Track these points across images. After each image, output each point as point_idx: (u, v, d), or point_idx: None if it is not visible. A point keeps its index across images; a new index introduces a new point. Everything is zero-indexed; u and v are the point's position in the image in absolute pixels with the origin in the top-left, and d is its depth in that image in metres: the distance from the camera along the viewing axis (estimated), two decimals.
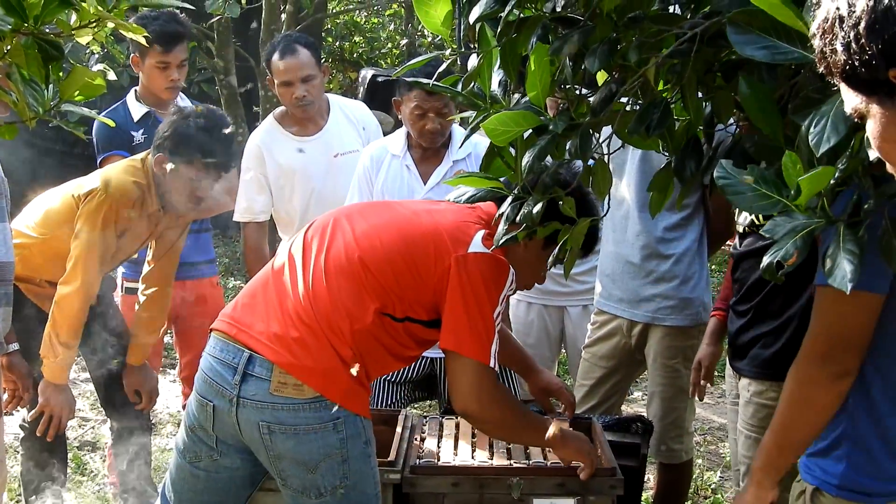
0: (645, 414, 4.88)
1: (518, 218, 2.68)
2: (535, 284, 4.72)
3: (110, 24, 2.15)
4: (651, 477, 5.46)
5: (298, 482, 3.30)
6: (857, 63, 1.54)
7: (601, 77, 2.69)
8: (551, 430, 3.51)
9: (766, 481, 2.74)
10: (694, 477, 5.26)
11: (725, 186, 2.03)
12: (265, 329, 3.27)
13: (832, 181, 1.90)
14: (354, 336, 3.25)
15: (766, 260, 2.01)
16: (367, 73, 11.67)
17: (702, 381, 4.52)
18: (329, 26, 16.15)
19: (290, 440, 3.23)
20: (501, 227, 2.89)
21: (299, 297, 3.28)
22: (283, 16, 9.90)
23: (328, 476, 3.27)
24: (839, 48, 1.56)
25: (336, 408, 3.23)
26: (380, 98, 9.48)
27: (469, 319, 3.25)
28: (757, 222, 3.89)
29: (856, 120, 1.66)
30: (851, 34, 1.53)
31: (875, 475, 2.66)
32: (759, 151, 2.36)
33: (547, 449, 3.76)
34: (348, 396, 3.26)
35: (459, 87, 2.72)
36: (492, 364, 3.28)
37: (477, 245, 3.29)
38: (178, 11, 5.56)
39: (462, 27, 2.65)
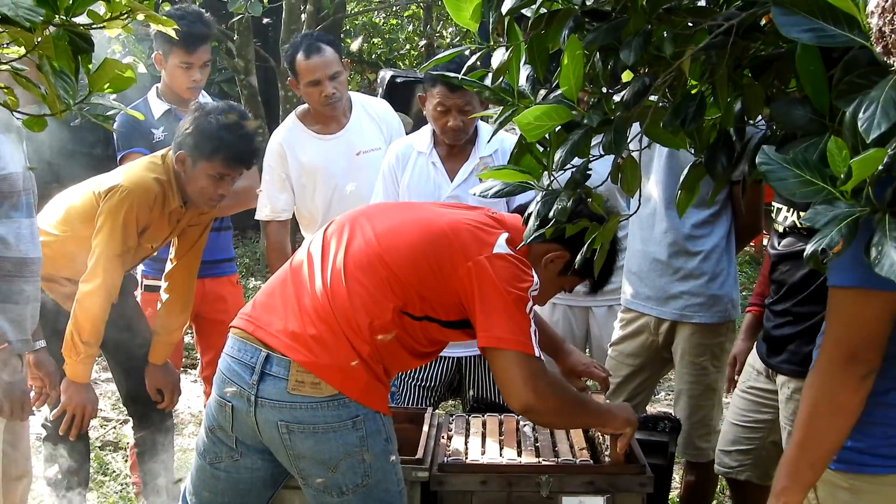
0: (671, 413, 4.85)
1: (550, 213, 2.65)
2: None
3: (141, 16, 2.13)
4: (677, 476, 5.42)
5: (319, 481, 3.29)
6: None
7: (626, 77, 2.66)
8: (605, 408, 3.60)
9: (797, 499, 2.67)
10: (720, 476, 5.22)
11: (768, 172, 2.00)
12: (283, 327, 3.27)
13: (881, 166, 1.86)
14: (373, 333, 3.25)
15: (809, 248, 1.97)
16: (385, 75, 11.64)
17: (736, 377, 4.51)
18: (348, 27, 16.15)
19: (309, 439, 3.22)
20: (532, 224, 2.87)
21: (317, 295, 3.28)
22: (304, 16, 9.89)
23: (349, 475, 3.26)
24: None
25: (355, 405, 3.23)
26: (398, 99, 9.44)
27: (505, 313, 3.23)
28: (799, 225, 3.86)
29: None
30: None
31: (872, 451, 2.65)
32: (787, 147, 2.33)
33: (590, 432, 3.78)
34: (367, 393, 3.25)
35: (487, 82, 2.70)
36: (537, 354, 3.26)
37: (501, 246, 3.29)
38: (203, 11, 5.56)
39: (491, 20, 2.62)
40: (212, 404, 3.42)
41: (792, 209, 3.90)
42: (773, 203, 4.03)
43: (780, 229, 4.00)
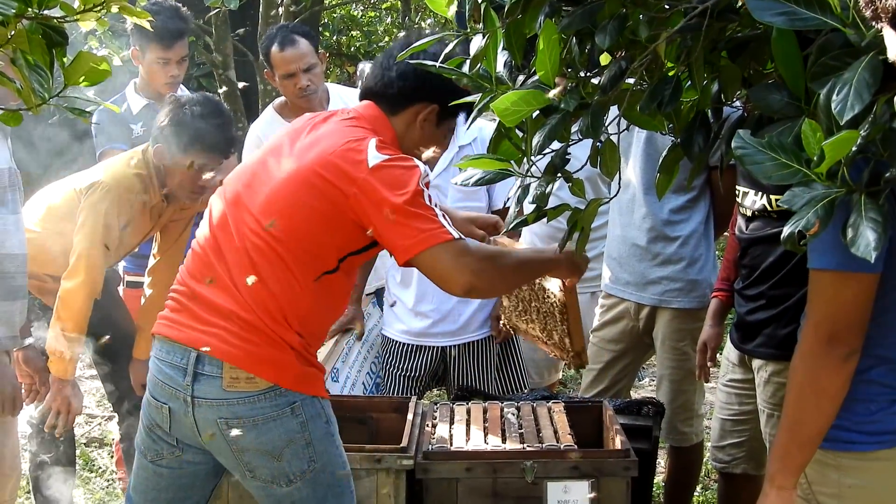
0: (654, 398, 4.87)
1: (530, 199, 2.66)
2: None
3: (115, 8, 2.13)
4: (661, 461, 5.45)
5: (267, 472, 3.25)
6: None
7: (605, 60, 2.67)
8: (546, 256, 3.54)
9: (789, 482, 2.68)
10: (704, 460, 5.24)
11: (744, 156, 2.00)
12: (207, 328, 3.21)
13: (854, 148, 1.88)
14: (298, 318, 3.21)
15: (786, 230, 1.98)
16: (364, 67, 11.60)
17: (708, 363, 4.51)
18: (326, 20, 16.12)
19: (250, 432, 3.18)
20: (512, 210, 2.87)
21: (232, 293, 3.20)
22: (281, 9, 9.86)
23: (294, 462, 3.23)
24: None
25: (291, 393, 3.19)
26: None
27: (407, 219, 3.11)
28: (770, 208, 3.85)
29: None
30: None
31: (856, 428, 2.68)
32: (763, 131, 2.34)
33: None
34: (301, 381, 3.22)
35: (464, 69, 2.70)
36: (455, 235, 3.14)
37: (374, 156, 3.16)
38: (179, 6, 5.55)
39: (468, 7, 2.62)
40: (147, 405, 3.36)
41: (760, 192, 3.89)
42: (739, 187, 4.01)
43: (749, 213, 3.98)
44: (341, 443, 3.37)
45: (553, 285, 3.76)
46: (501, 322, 4.56)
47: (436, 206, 3.17)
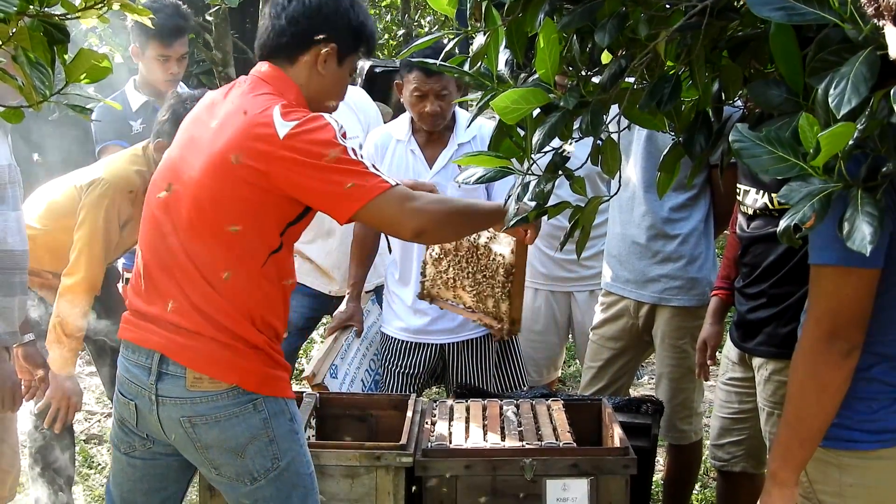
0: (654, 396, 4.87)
1: (529, 196, 2.66)
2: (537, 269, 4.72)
3: (116, 5, 2.13)
4: (660, 459, 5.45)
5: (231, 469, 3.24)
6: None
7: (606, 58, 2.68)
8: (496, 204, 3.44)
9: (790, 479, 2.70)
10: (703, 458, 5.25)
11: (741, 150, 2.01)
12: (168, 332, 3.19)
13: (851, 141, 1.88)
14: (258, 309, 3.19)
15: (782, 224, 2.00)
16: (364, 64, 11.59)
17: (708, 361, 4.52)
18: None
19: (213, 429, 3.17)
20: (512, 208, 2.87)
21: (181, 305, 3.18)
22: None
23: (258, 459, 3.21)
24: None
25: (254, 393, 3.19)
26: (377, 89, 9.38)
27: (340, 177, 3.06)
28: (771, 206, 3.86)
29: None
30: None
31: (857, 427, 2.69)
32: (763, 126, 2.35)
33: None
34: (264, 384, 3.21)
35: (466, 68, 2.70)
36: (392, 183, 3.10)
37: (281, 125, 3.07)
38: (180, 3, 5.55)
39: (469, 6, 2.63)
40: (118, 401, 3.37)
41: (762, 191, 3.89)
42: (741, 185, 4.01)
43: (750, 211, 3.98)
44: (305, 441, 3.36)
45: (503, 248, 3.75)
46: (420, 292, 4.47)
47: (362, 157, 3.12)
